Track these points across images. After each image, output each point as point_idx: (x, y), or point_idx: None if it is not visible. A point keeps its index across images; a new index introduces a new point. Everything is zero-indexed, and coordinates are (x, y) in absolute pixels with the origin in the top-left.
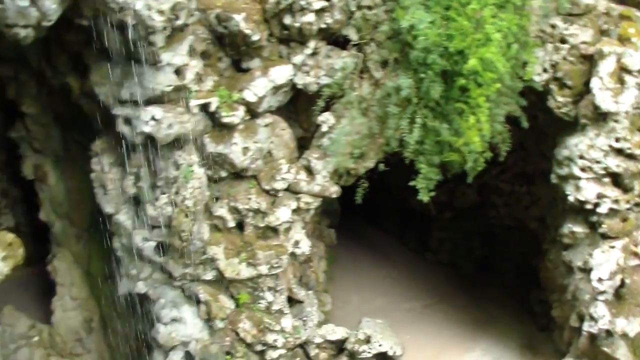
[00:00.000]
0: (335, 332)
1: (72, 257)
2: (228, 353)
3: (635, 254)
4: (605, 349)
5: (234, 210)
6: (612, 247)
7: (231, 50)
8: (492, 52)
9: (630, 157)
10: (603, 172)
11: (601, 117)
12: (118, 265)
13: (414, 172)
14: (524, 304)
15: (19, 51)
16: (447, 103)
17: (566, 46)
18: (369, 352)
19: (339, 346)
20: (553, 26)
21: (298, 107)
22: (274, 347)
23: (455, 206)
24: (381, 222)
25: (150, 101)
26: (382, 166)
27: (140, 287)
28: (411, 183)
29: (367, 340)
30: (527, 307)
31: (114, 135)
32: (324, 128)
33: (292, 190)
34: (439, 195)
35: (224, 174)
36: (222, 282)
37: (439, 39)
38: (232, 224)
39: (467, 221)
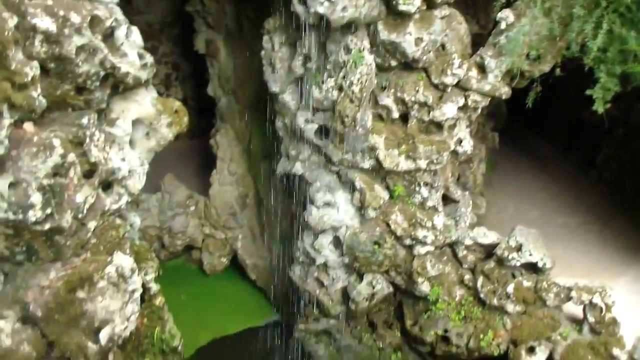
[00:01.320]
0: (486, 236)
1: (234, 133)
2: (376, 243)
3: None
4: None
5: (400, 101)
6: None
7: None
8: None
9: None
10: None
11: None
12: (278, 144)
13: (592, 81)
14: None
15: None
16: (639, 9)
17: None
18: (518, 261)
19: (488, 250)
20: None
21: (476, 1)
22: (423, 243)
23: (629, 123)
24: (547, 132)
25: None
26: (558, 71)
27: (298, 168)
28: (588, 92)
29: (518, 249)
30: None
31: (288, 14)
32: (502, 25)
33: (461, 87)
34: (613, 109)
35: (393, 63)
36: (379, 172)
37: None
38: (396, 114)
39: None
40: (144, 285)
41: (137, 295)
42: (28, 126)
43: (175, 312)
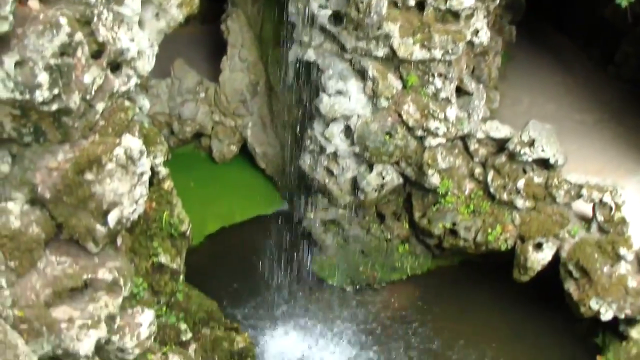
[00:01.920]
0: (499, 130)
1: (246, 18)
2: (387, 133)
3: None
4: None
5: None
6: None
7: None
8: None
9: None
10: None
11: None
12: (290, 31)
13: None
14: None
15: None
16: None
17: None
18: (530, 156)
19: (500, 145)
20: None
21: None
22: (435, 135)
23: None
24: (566, 27)
25: None
26: None
27: (310, 55)
28: None
29: (531, 144)
30: None
31: None
32: None
33: None
34: (635, 6)
35: None
36: (392, 61)
37: None
38: (412, 2)
39: None
40: (152, 169)
41: (146, 178)
42: (33, 3)
43: (184, 198)
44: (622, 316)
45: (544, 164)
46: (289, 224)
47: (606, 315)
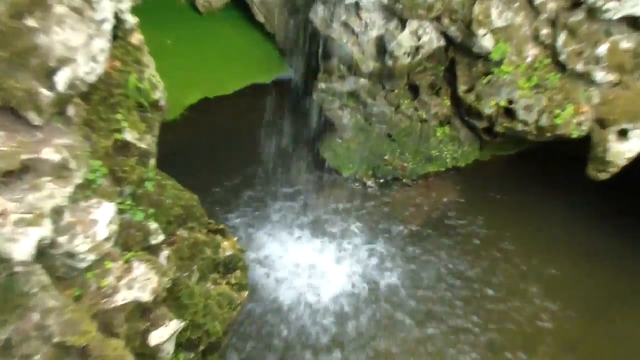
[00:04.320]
0: None
1: None
2: None
3: None
4: None
5: None
6: None
7: None
8: None
9: None
10: None
11: None
12: None
13: None
14: None
15: None
16: None
17: None
18: (617, 12)
19: None
20: None
21: None
22: None
23: None
24: None
25: None
26: None
27: None
28: None
29: None
30: None
31: None
32: None
33: None
34: None
35: None
36: None
37: None
38: None
39: None
40: (116, 16)
41: (108, 27)
42: None
43: (158, 60)
44: None
45: (634, 24)
46: (293, 96)
47: None
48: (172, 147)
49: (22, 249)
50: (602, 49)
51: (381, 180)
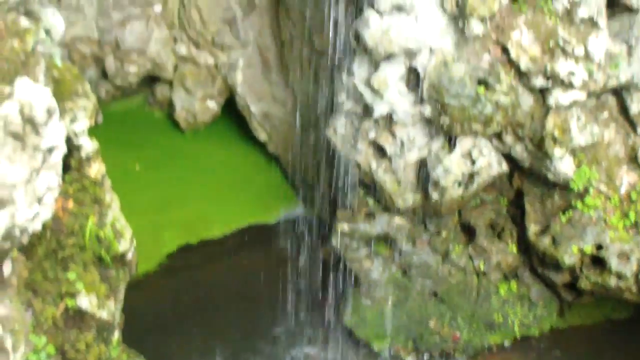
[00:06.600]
0: None
1: None
2: (482, 82)
3: None
4: None
5: None
6: None
7: None
8: None
9: None
10: None
11: None
12: None
13: None
14: None
15: None
16: None
17: None
18: None
19: None
20: None
21: None
22: (566, 86)
23: None
24: None
25: None
26: None
27: None
28: None
29: None
30: None
31: None
32: None
33: None
34: None
35: None
36: None
37: None
38: None
39: None
40: (69, 141)
41: (58, 156)
42: None
43: (125, 195)
44: None
45: None
46: (306, 242)
47: None
48: (144, 312)
49: None
50: None
51: (425, 356)
